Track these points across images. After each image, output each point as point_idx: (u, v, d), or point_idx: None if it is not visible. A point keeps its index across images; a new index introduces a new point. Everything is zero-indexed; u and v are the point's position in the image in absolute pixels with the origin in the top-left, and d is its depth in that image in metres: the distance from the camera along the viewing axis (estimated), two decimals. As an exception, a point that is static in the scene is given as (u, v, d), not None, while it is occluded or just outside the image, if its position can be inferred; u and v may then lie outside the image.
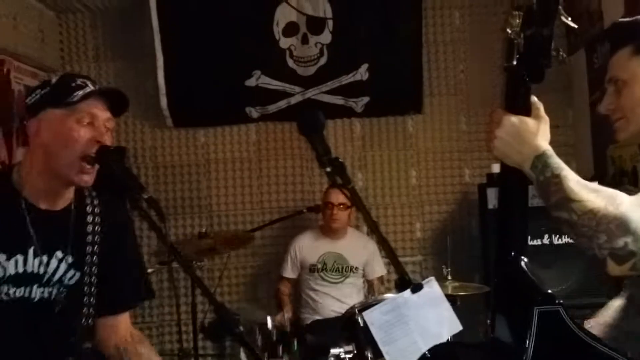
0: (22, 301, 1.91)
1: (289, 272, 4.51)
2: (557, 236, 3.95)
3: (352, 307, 3.29)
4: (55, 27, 5.02)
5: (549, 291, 1.61)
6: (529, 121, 1.61)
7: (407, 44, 4.87)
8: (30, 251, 1.91)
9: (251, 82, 4.87)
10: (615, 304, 1.95)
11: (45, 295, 1.94)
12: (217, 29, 4.80)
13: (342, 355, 3.35)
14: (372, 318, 2.00)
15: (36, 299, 1.92)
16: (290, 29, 4.85)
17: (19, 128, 4.12)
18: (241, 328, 1.68)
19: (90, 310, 2.00)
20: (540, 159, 1.57)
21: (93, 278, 1.99)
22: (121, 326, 2.13)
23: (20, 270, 1.90)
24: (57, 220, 1.97)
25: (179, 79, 4.84)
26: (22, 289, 1.90)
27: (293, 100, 4.91)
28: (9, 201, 1.91)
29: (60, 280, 1.95)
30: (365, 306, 3.00)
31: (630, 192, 1.53)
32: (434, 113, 5.05)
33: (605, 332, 1.90)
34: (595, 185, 1.52)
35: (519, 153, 1.60)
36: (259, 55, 4.87)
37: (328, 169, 1.76)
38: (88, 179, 1.90)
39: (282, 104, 4.92)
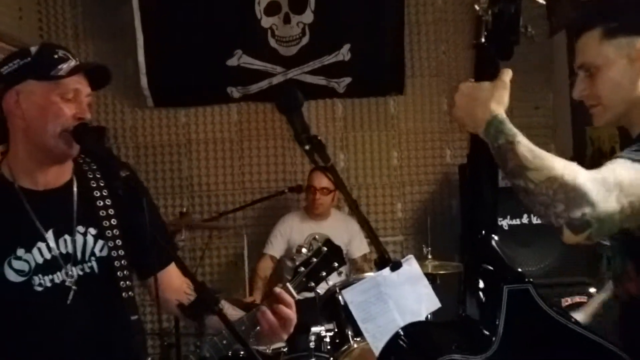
0: (57, 287, 1.84)
1: (275, 250, 4.48)
2: (536, 216, 3.99)
3: (333, 286, 3.32)
4: (34, 5, 4.95)
5: (519, 269, 1.62)
6: (484, 85, 1.58)
7: (389, 24, 4.86)
8: (49, 235, 1.85)
9: (232, 62, 4.85)
10: (600, 299, 1.99)
11: (87, 270, 1.88)
12: (198, 8, 4.75)
13: (323, 334, 3.39)
14: (352, 296, 2.03)
15: (75, 279, 1.86)
16: (272, 8, 4.81)
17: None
18: (221, 306, 1.69)
19: (127, 282, 1.90)
20: (492, 123, 1.53)
21: (120, 250, 1.90)
22: (173, 280, 2.02)
23: (48, 256, 1.84)
24: (61, 197, 1.90)
25: (159, 58, 4.80)
26: (58, 274, 1.85)
27: (275, 80, 4.89)
28: (3, 194, 1.85)
29: (92, 253, 1.89)
30: (345, 285, 3.03)
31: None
32: (415, 94, 5.06)
33: (594, 322, 1.93)
34: (550, 154, 1.48)
35: (472, 117, 1.58)
36: (240, 35, 4.84)
37: (307, 147, 1.76)
38: (75, 148, 1.84)
39: (264, 84, 4.90)
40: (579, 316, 1.92)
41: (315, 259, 1.94)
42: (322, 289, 2.64)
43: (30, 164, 1.88)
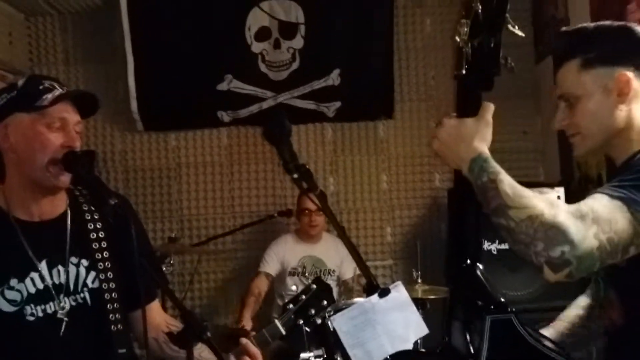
0: (49, 318, 1.84)
1: (270, 268, 4.41)
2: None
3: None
4: (24, 29, 4.97)
5: (502, 299, 1.62)
6: (468, 122, 1.58)
7: (379, 50, 4.90)
8: (42, 265, 1.86)
9: (223, 86, 4.87)
10: (581, 303, 1.99)
11: (79, 301, 1.89)
12: (189, 33, 4.79)
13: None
14: (340, 323, 2.03)
15: (67, 309, 1.86)
16: (263, 34, 4.86)
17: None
18: (209, 334, 1.68)
19: (117, 315, 1.92)
20: (476, 162, 1.53)
21: (111, 283, 1.92)
22: (154, 315, 2.06)
23: (41, 286, 1.84)
24: (55, 229, 1.91)
25: (149, 82, 4.82)
26: (50, 304, 1.85)
27: (265, 105, 4.92)
28: None
29: (85, 284, 1.90)
30: (334, 310, 3.02)
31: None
32: (404, 118, 5.09)
33: (571, 330, 1.93)
34: (531, 191, 1.48)
35: (456, 155, 1.58)
36: (231, 59, 4.87)
37: (295, 176, 1.76)
38: (64, 179, 1.84)
39: (254, 108, 4.92)
40: (548, 331, 1.92)
41: (304, 296, 1.94)
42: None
43: (25, 196, 1.88)
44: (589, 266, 1.43)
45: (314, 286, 1.94)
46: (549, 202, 1.45)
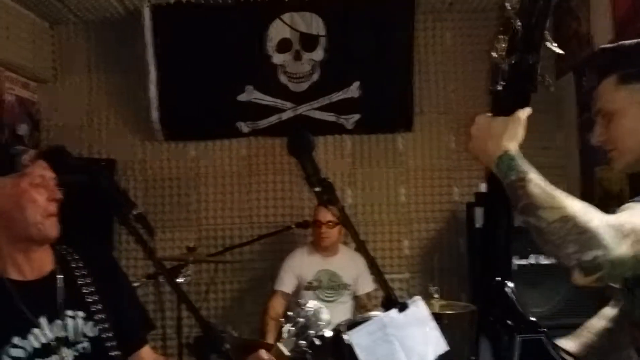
0: None
1: (287, 286, 4.38)
2: (543, 256, 3.97)
3: (339, 325, 3.28)
4: (48, 38, 5.02)
5: (532, 318, 1.60)
6: (498, 119, 1.58)
7: (399, 62, 4.90)
8: (42, 320, 1.91)
9: (243, 97, 4.89)
10: (606, 314, 1.96)
11: (81, 351, 1.95)
12: (210, 44, 4.82)
13: (326, 375, 3.35)
14: (358, 337, 2.01)
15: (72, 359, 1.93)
16: (283, 45, 4.88)
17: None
18: (227, 346, 1.68)
19: None
20: (503, 159, 1.53)
21: (110, 332, 1.99)
22: (146, 358, 2.14)
23: (44, 340, 1.90)
24: (47, 286, 1.97)
25: (170, 92, 4.85)
26: (54, 357, 1.90)
27: (284, 116, 4.93)
28: None
29: (84, 334, 1.96)
30: (350, 324, 3.00)
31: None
32: (423, 131, 5.08)
33: (596, 342, 1.91)
34: (561, 192, 1.48)
35: (485, 151, 1.58)
36: (251, 71, 4.90)
37: (317, 189, 1.76)
38: (54, 229, 1.94)
39: (273, 119, 4.94)
40: (572, 342, 1.90)
41: (301, 319, 2.00)
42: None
43: (16, 255, 1.95)
44: (620, 273, 1.43)
45: (310, 308, 1.98)
46: (582, 205, 1.44)
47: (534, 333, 1.56)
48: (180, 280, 3.81)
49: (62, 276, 2.00)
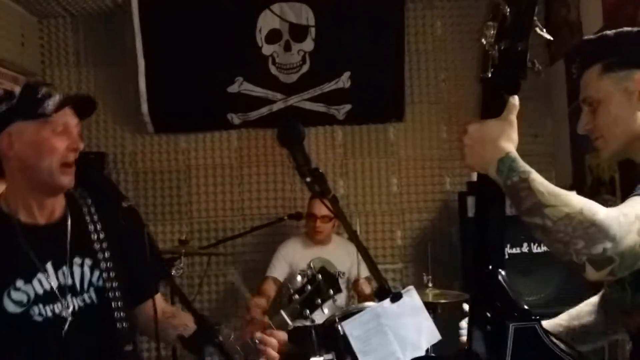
0: (56, 318, 1.87)
1: (278, 273, 4.40)
2: (536, 244, 3.99)
3: (333, 315, 3.29)
4: (36, 31, 4.98)
5: (525, 306, 1.60)
6: (491, 123, 1.56)
7: (390, 52, 4.89)
8: (49, 266, 1.89)
9: (233, 89, 4.87)
10: (592, 301, 1.97)
11: (87, 301, 1.92)
12: (200, 35, 4.79)
13: (322, 364, 3.36)
14: (352, 328, 2.01)
15: (74, 309, 1.89)
16: (273, 36, 4.85)
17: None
18: (221, 338, 1.67)
19: (122, 313, 1.95)
20: (504, 162, 1.51)
21: (114, 282, 1.95)
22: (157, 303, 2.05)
23: (48, 287, 1.87)
24: (57, 231, 1.95)
25: (160, 84, 4.82)
26: (58, 304, 1.88)
27: (275, 107, 4.91)
28: (1, 229, 1.89)
29: (90, 283, 1.94)
30: (345, 315, 3.00)
31: (607, 202, 1.53)
32: (415, 121, 5.08)
33: (582, 327, 1.92)
34: (563, 190, 1.48)
35: (482, 157, 1.55)
36: (241, 62, 4.87)
37: (308, 179, 1.76)
38: (68, 180, 1.89)
39: (264, 110, 4.92)
40: (555, 325, 1.90)
41: (310, 287, 1.92)
42: (319, 317, 2.64)
43: (29, 200, 1.92)
44: (631, 264, 1.42)
45: (320, 276, 1.92)
46: (586, 201, 1.44)
47: (528, 321, 1.56)
48: (172, 273, 3.80)
49: (71, 222, 1.97)
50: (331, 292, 1.95)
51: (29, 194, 1.91)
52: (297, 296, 1.92)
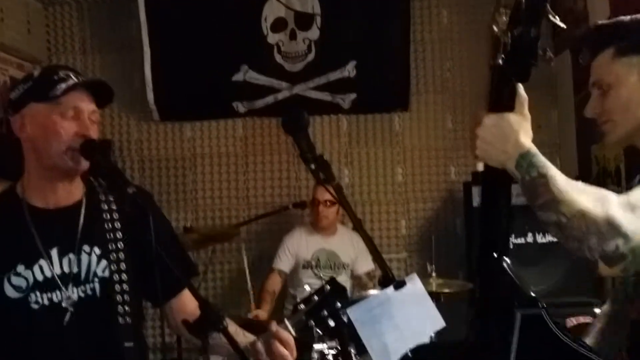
0: (54, 307, 1.83)
1: (284, 265, 4.41)
2: (541, 234, 3.99)
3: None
4: (42, 18, 4.99)
5: (532, 294, 1.60)
6: (511, 117, 1.55)
7: (395, 41, 4.88)
8: (53, 253, 1.86)
9: (238, 77, 4.87)
10: (604, 311, 1.98)
11: (88, 292, 1.87)
12: (205, 23, 4.79)
13: (326, 351, 3.36)
14: (357, 314, 2.02)
15: (74, 300, 1.85)
16: (279, 25, 4.85)
17: (3, 120, 4.09)
18: (225, 323, 1.67)
19: (127, 308, 1.88)
20: (525, 157, 1.51)
21: (123, 275, 1.90)
22: (187, 305, 1.99)
23: (49, 274, 1.84)
24: (69, 216, 1.91)
25: (166, 72, 4.83)
26: (57, 292, 1.84)
27: (280, 96, 4.91)
28: (11, 211, 1.87)
29: (95, 273, 1.88)
30: (349, 302, 3.00)
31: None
32: (420, 111, 5.06)
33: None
34: (582, 185, 1.48)
35: (503, 152, 1.54)
36: (246, 50, 4.87)
37: (312, 166, 1.76)
38: (75, 165, 1.84)
39: (270, 99, 4.92)
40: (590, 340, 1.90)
41: (317, 297, 1.84)
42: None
43: (42, 183, 1.90)
44: None
45: (328, 287, 1.86)
46: (599, 196, 1.45)
47: (535, 309, 1.56)
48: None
49: (85, 208, 1.93)
50: (339, 305, 1.86)
51: (43, 177, 1.89)
52: (302, 306, 1.88)
